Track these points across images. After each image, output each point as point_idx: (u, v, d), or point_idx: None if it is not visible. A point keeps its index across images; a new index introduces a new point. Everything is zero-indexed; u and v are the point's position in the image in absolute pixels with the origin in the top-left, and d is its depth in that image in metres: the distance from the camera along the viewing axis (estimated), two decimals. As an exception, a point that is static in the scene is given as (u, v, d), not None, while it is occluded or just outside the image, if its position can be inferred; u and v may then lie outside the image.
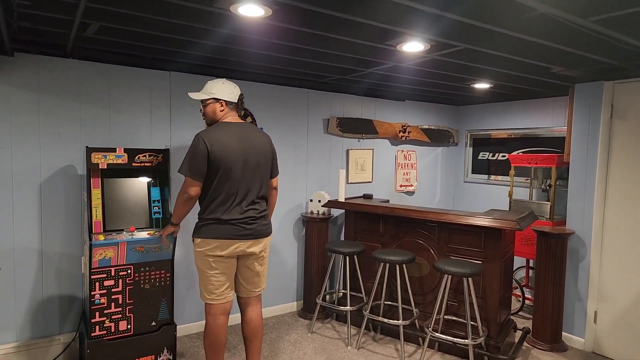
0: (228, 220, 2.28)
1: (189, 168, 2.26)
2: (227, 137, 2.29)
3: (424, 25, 2.05)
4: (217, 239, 2.28)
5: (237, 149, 2.30)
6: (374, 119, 4.36)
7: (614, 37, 2.16)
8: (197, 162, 2.25)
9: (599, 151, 3.14)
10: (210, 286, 2.34)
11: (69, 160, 2.81)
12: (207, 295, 2.36)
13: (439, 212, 3.19)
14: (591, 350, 3.21)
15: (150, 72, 3.08)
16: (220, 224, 2.28)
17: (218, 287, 2.34)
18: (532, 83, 3.59)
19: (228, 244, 2.29)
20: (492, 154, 4.79)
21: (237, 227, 2.30)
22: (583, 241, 3.23)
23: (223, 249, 2.29)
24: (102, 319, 2.48)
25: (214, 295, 2.35)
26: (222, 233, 2.28)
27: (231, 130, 2.33)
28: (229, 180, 2.28)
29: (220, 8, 1.85)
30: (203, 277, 2.36)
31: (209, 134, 2.28)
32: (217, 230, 2.29)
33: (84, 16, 2.00)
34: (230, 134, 2.31)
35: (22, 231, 2.69)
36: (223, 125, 2.35)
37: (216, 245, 2.29)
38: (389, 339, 3.36)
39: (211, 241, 2.29)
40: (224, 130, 2.32)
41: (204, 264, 2.34)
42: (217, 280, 2.33)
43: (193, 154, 2.26)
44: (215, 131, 2.31)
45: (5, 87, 2.59)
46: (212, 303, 2.35)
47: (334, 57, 2.78)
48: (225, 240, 2.29)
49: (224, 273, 2.34)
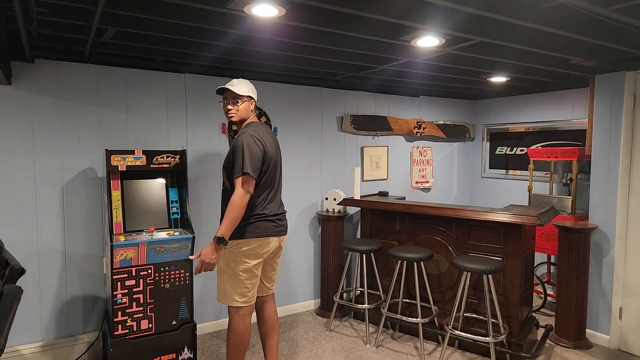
0: (268, 217, 2.30)
1: (252, 167, 2.16)
2: (266, 136, 2.33)
3: (438, 20, 2.02)
4: (261, 238, 2.27)
5: (276, 149, 2.39)
6: (388, 116, 4.33)
7: (636, 25, 2.09)
8: (255, 161, 2.19)
9: (621, 143, 3.05)
10: (244, 289, 2.30)
11: (89, 163, 2.87)
12: (238, 298, 2.29)
13: (456, 209, 3.14)
14: (617, 347, 3.12)
15: (165, 75, 3.12)
16: (264, 222, 2.29)
17: (250, 290, 2.32)
18: (551, 75, 3.50)
19: (268, 242, 2.31)
20: (510, 149, 4.70)
21: (276, 224, 2.34)
22: (607, 236, 3.14)
23: (265, 248, 2.31)
24: (124, 318, 2.52)
25: (247, 298, 2.31)
26: (265, 231, 2.30)
27: (266, 129, 2.39)
28: (270, 179, 2.33)
29: (234, 9, 1.86)
30: (235, 279, 2.28)
31: (257, 133, 2.27)
32: (260, 229, 2.28)
33: (101, 22, 2.04)
34: (267, 133, 2.36)
35: (46, 233, 2.77)
36: (258, 124, 2.39)
37: (260, 244, 2.28)
38: (408, 337, 3.33)
39: (255, 240, 2.26)
40: (262, 129, 2.36)
41: (241, 266, 2.27)
42: (251, 282, 2.31)
43: (250, 153, 2.18)
44: (260, 131, 2.31)
45: (27, 93, 2.66)
46: (244, 306, 2.31)
47: (347, 55, 2.77)
48: (268, 237, 2.30)
49: (257, 276, 2.35)
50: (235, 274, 2.28)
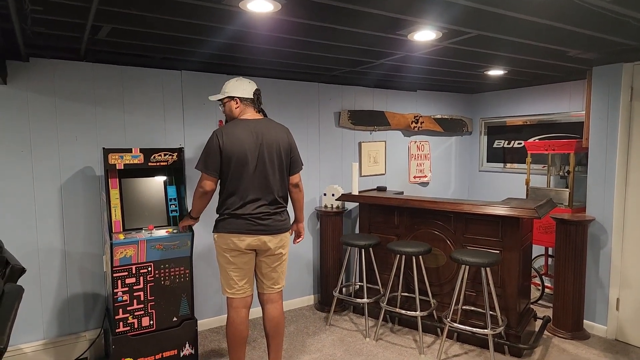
0: (242, 215, 2.32)
1: (204, 164, 2.33)
2: (242, 133, 2.32)
3: (435, 13, 2.01)
4: (232, 234, 2.33)
5: (252, 145, 2.32)
6: (385, 111, 4.32)
7: (632, 16, 2.09)
8: (210, 158, 2.31)
9: (619, 135, 3.06)
10: (230, 281, 2.39)
11: (87, 162, 2.87)
12: (227, 289, 2.41)
13: (454, 202, 3.15)
14: (614, 337, 3.16)
15: (162, 72, 3.11)
16: (235, 219, 2.33)
17: (237, 282, 2.38)
18: (548, 67, 3.50)
19: (241, 238, 2.33)
20: (508, 142, 4.71)
21: (251, 222, 2.33)
22: (604, 228, 3.16)
23: (238, 243, 2.33)
24: (126, 316, 2.54)
25: (234, 289, 2.39)
26: (237, 227, 2.32)
27: (245, 126, 2.35)
28: (242, 175, 2.31)
29: (230, 5, 1.86)
30: (223, 271, 2.42)
31: (223, 131, 2.33)
32: (232, 225, 2.33)
33: (96, 19, 2.03)
34: (244, 130, 2.33)
35: (45, 232, 2.77)
36: (238, 121, 2.39)
37: (232, 240, 2.33)
38: (407, 330, 3.36)
39: (227, 235, 2.34)
40: (239, 126, 2.35)
41: (223, 258, 2.39)
42: (236, 275, 2.37)
43: (207, 150, 2.33)
44: (230, 128, 2.35)
45: (23, 93, 2.65)
46: (233, 297, 2.40)
47: (344, 50, 2.76)
48: (239, 234, 2.33)
49: (241, 268, 2.38)
50: (221, 265, 2.42)
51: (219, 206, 2.41)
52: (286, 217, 2.49)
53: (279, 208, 2.43)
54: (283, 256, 2.50)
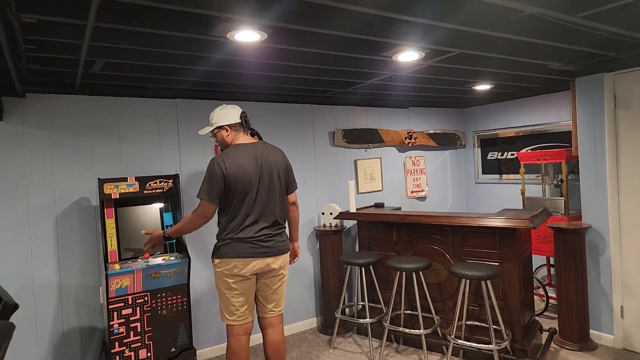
0: (244, 239, 2.30)
1: (208, 192, 2.28)
2: (242, 159, 2.33)
3: (416, 36, 2.08)
4: (235, 258, 2.30)
5: (252, 169, 2.33)
6: (379, 128, 4.38)
7: (605, 30, 2.16)
8: (213, 185, 2.27)
9: (606, 142, 3.10)
10: (231, 307, 2.34)
11: (82, 193, 2.88)
12: (228, 316, 2.36)
13: (450, 216, 3.16)
14: (622, 346, 3.10)
15: (156, 101, 3.17)
16: (239, 242, 2.30)
17: (238, 308, 2.34)
18: (533, 80, 3.58)
19: (246, 262, 2.31)
20: (501, 153, 4.76)
21: (254, 245, 2.31)
22: (601, 234, 3.16)
23: (242, 268, 2.30)
24: (122, 349, 2.50)
25: (235, 316, 2.35)
26: (240, 252, 2.30)
27: (245, 151, 2.37)
28: (245, 200, 2.31)
29: (217, 36, 1.92)
30: (223, 298, 2.37)
31: (223, 157, 2.32)
32: (235, 249, 2.30)
33: (89, 54, 2.09)
34: (244, 155, 2.35)
35: (41, 266, 2.75)
36: (236, 147, 2.40)
37: (235, 265, 2.30)
38: (412, 350, 3.30)
39: (230, 260, 2.30)
40: (238, 152, 2.36)
41: (224, 284, 2.34)
42: (237, 300, 2.33)
43: (210, 178, 2.28)
44: (229, 154, 2.34)
45: (19, 128, 2.70)
46: (234, 324, 2.35)
47: (333, 72, 2.83)
48: (244, 258, 2.30)
49: (243, 294, 2.34)
50: (221, 292, 2.37)
51: (220, 231, 2.37)
52: (286, 238, 2.50)
53: (280, 229, 2.44)
54: (284, 277, 2.49)
